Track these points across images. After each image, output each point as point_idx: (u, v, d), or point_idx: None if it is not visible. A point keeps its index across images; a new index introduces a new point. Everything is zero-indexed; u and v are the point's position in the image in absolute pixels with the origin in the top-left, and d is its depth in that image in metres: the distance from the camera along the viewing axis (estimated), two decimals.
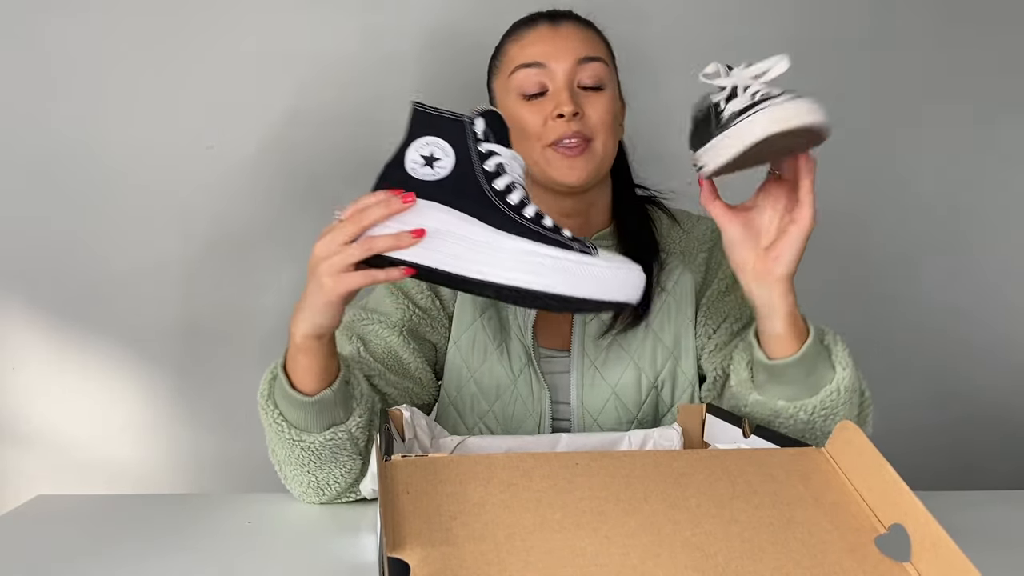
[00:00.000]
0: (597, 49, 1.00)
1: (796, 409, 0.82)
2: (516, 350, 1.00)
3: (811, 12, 1.43)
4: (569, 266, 0.73)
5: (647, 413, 0.99)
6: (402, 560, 0.51)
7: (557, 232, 0.75)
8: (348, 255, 0.75)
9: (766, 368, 0.83)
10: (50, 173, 1.34)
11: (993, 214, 1.49)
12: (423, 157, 0.77)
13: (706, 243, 1.06)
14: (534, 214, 0.76)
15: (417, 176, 0.77)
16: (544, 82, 0.97)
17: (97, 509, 0.91)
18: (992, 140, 1.47)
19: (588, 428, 0.99)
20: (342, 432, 0.85)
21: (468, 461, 0.62)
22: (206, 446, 1.41)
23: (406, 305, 1.01)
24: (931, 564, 0.53)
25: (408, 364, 0.98)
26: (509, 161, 0.79)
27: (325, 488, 0.88)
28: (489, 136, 0.78)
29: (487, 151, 0.78)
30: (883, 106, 1.44)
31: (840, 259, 1.46)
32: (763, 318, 0.82)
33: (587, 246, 0.75)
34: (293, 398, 0.83)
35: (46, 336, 1.37)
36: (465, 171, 0.77)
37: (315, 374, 0.82)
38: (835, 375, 0.82)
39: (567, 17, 1.02)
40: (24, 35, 1.32)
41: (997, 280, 1.50)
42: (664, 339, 1.00)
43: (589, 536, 0.55)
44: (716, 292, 1.02)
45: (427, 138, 0.78)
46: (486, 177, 0.77)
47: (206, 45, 1.34)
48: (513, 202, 0.76)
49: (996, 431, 1.52)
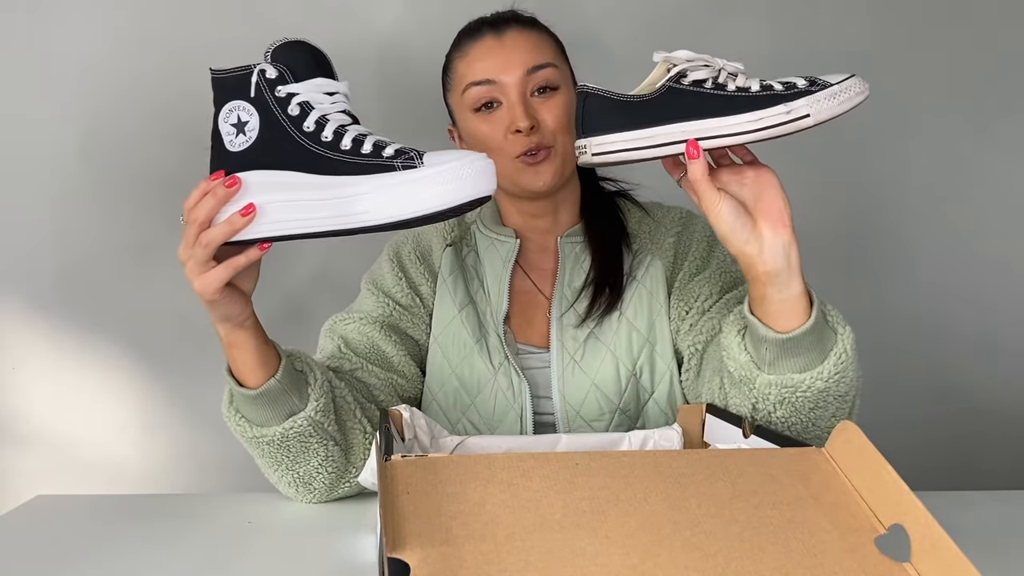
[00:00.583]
0: (545, 53, 1.00)
1: (813, 379, 0.79)
2: (495, 345, 1.02)
3: (807, 10, 1.43)
4: (403, 188, 0.69)
5: (629, 402, 1.00)
6: (402, 560, 0.51)
7: (378, 155, 0.71)
8: (197, 257, 0.75)
9: (779, 344, 0.79)
10: (50, 173, 1.34)
11: (992, 211, 1.49)
12: (233, 126, 0.74)
13: (674, 228, 1.06)
14: (351, 143, 0.72)
15: (234, 148, 0.74)
16: (497, 96, 0.98)
17: (97, 509, 0.91)
18: (992, 137, 1.47)
19: (571, 421, 1.00)
20: (301, 419, 0.85)
21: (468, 461, 0.62)
22: (206, 446, 1.41)
23: (386, 302, 1.04)
24: (931, 564, 0.53)
25: (391, 357, 1.01)
26: (313, 93, 0.74)
27: (311, 482, 0.89)
28: (286, 75, 0.73)
29: (286, 94, 0.73)
30: (883, 106, 1.44)
31: (839, 257, 1.47)
32: (780, 284, 0.78)
33: (411, 156, 0.71)
34: (243, 394, 0.84)
35: (46, 336, 1.37)
36: (271, 125, 0.73)
37: (252, 367, 0.83)
38: (838, 336, 0.80)
39: (510, 22, 1.01)
40: (24, 35, 1.32)
41: (997, 280, 1.50)
42: (638, 326, 1.01)
43: (589, 536, 0.55)
44: (687, 274, 1.02)
45: (230, 103, 0.74)
46: (292, 123, 0.73)
47: (210, 42, 1.34)
48: (327, 139, 0.72)
49: (996, 431, 1.52)
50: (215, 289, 0.76)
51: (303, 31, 0.79)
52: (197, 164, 1.35)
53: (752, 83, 0.76)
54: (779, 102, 0.75)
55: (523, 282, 1.06)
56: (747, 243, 0.78)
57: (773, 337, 0.78)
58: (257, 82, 0.73)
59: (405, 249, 1.08)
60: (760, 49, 1.40)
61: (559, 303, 1.03)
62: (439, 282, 1.06)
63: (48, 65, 1.33)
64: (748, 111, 0.75)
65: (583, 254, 1.05)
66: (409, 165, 0.70)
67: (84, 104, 1.34)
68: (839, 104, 0.75)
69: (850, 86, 0.75)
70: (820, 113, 0.75)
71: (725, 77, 0.77)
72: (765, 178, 0.78)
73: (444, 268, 1.06)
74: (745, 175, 0.79)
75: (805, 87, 0.75)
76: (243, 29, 1.35)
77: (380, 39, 1.39)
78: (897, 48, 1.44)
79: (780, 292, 0.78)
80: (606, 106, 0.78)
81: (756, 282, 0.79)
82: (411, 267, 1.07)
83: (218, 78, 0.75)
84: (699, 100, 0.76)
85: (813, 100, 0.75)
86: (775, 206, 0.77)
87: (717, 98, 0.76)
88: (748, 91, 0.76)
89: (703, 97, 0.76)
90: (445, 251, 1.07)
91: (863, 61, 1.43)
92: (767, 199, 0.77)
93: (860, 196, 1.46)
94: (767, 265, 0.77)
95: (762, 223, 0.77)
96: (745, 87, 0.76)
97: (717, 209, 0.78)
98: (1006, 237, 1.49)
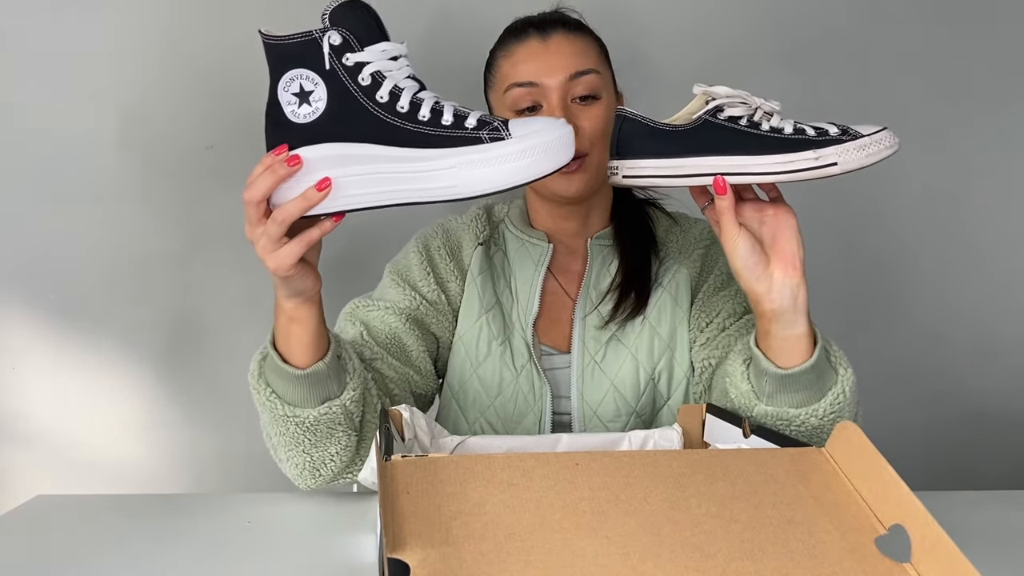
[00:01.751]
0: (589, 59, 0.99)
1: (807, 415, 0.82)
2: (518, 347, 1.02)
3: (811, 7, 1.43)
4: (493, 161, 0.69)
5: (645, 405, 1.01)
6: (402, 560, 0.51)
7: (460, 126, 0.70)
8: (270, 233, 0.74)
9: (778, 379, 0.82)
10: (49, 172, 1.34)
11: (992, 214, 1.49)
12: (295, 95, 0.71)
13: (703, 241, 1.07)
14: (430, 113, 0.70)
15: (299, 120, 0.71)
16: (538, 99, 0.98)
17: (97, 509, 0.91)
18: (994, 138, 1.47)
19: (588, 421, 1.00)
20: (336, 407, 0.85)
21: (468, 461, 0.62)
22: (206, 446, 1.41)
23: (413, 296, 1.02)
24: (931, 564, 0.53)
25: (410, 350, 1.00)
26: (383, 62, 0.71)
27: (321, 468, 0.88)
28: (351, 43, 0.70)
29: (355, 63, 0.70)
30: (881, 105, 1.44)
31: (838, 259, 1.47)
32: (784, 323, 0.81)
33: (496, 127, 0.70)
34: (286, 372, 0.83)
35: (46, 336, 1.37)
36: (341, 95, 0.70)
37: (306, 346, 0.82)
38: (838, 376, 0.83)
39: (556, 25, 1.01)
40: (22, 36, 1.32)
41: (996, 280, 1.50)
42: (661, 332, 1.01)
43: (589, 536, 0.55)
44: (711, 288, 1.03)
45: (290, 72, 0.71)
46: (365, 93, 0.70)
47: (208, 43, 1.34)
48: (404, 109, 0.70)
49: (996, 431, 1.52)
50: (290, 265, 0.74)
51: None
52: (190, 165, 1.36)
53: (786, 125, 0.78)
54: (809, 147, 0.77)
55: (550, 283, 1.06)
56: (758, 281, 0.81)
57: (774, 371, 0.82)
58: (322, 50, 0.70)
59: (435, 243, 1.07)
60: (751, 44, 1.40)
61: (584, 304, 1.03)
62: (468, 280, 1.05)
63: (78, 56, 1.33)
64: (778, 152, 0.77)
65: (611, 256, 1.05)
66: (496, 137, 0.69)
67: (85, 104, 1.34)
68: (867, 156, 0.76)
69: (881, 139, 0.77)
70: (848, 163, 0.76)
71: (760, 116, 0.79)
72: (784, 219, 0.81)
73: (474, 267, 1.05)
74: (766, 213, 0.82)
75: (837, 135, 0.77)
76: None
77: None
78: (896, 42, 1.44)
79: (784, 330, 0.81)
80: (642, 132, 0.81)
81: (762, 318, 0.82)
82: (440, 262, 1.05)
83: (275, 44, 0.71)
84: (732, 136, 0.78)
85: (843, 150, 0.76)
86: (789, 249, 0.80)
87: (750, 136, 0.78)
88: (781, 132, 0.78)
89: (736, 133, 0.79)
90: (476, 250, 1.06)
91: (867, 57, 1.43)
92: (783, 241, 0.81)
93: (858, 199, 1.46)
94: (773, 304, 0.81)
95: (775, 264, 0.81)
96: (778, 128, 0.78)
97: (735, 244, 0.81)
98: (1007, 240, 1.49)
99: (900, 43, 1.44)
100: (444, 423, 1.04)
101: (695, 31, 1.41)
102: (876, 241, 1.48)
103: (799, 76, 1.41)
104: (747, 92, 0.79)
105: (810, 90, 1.41)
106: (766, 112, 0.79)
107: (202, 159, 1.35)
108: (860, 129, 0.77)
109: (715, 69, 1.39)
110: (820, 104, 1.40)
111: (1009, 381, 1.51)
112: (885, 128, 0.78)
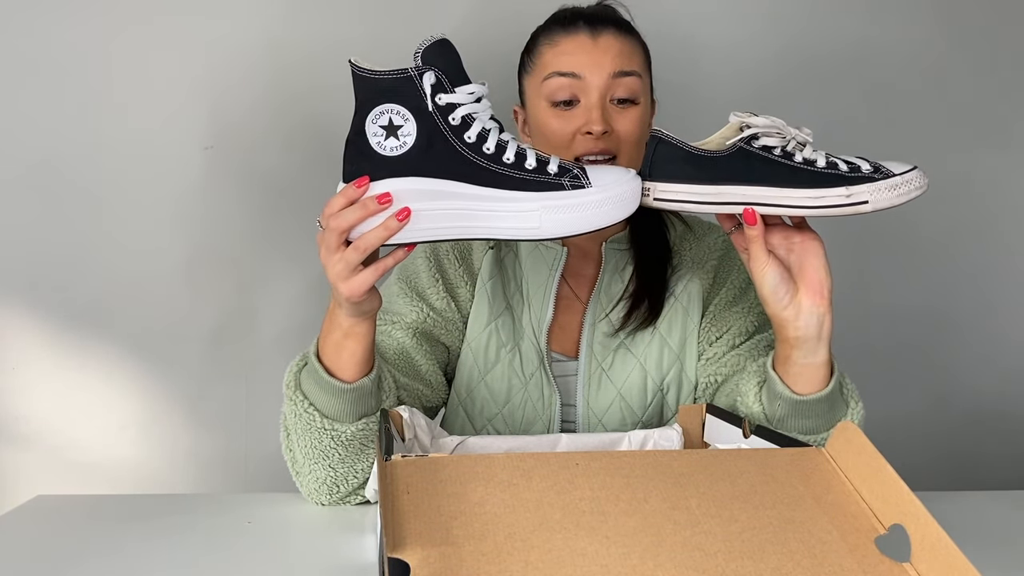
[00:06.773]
0: (633, 61, 0.98)
1: (815, 443, 0.81)
2: (528, 353, 1.00)
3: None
4: (574, 208, 0.73)
5: (652, 416, 0.99)
6: (402, 560, 0.51)
7: (543, 171, 0.74)
8: (348, 261, 0.75)
9: (792, 404, 0.83)
10: (49, 174, 1.34)
11: (991, 216, 1.48)
12: (382, 128, 0.74)
13: (717, 251, 1.05)
14: (515, 156, 0.74)
15: (385, 152, 0.74)
16: (577, 93, 0.97)
17: (97, 509, 0.91)
18: (997, 136, 1.47)
19: (593, 429, 0.99)
20: (373, 423, 0.85)
21: (468, 461, 0.62)
22: (206, 446, 1.41)
23: (420, 307, 1.00)
24: (931, 564, 0.53)
25: (419, 366, 0.98)
26: (471, 104, 0.74)
27: (342, 484, 0.87)
28: (444, 84, 0.73)
29: (446, 104, 0.73)
30: (880, 106, 1.44)
31: (838, 260, 1.46)
32: (807, 351, 0.82)
33: (576, 175, 0.74)
34: (331, 385, 0.82)
35: (46, 336, 1.37)
36: (431, 132, 0.73)
37: (357, 360, 0.82)
38: (849, 409, 0.85)
39: (607, 24, 0.99)
40: (21, 36, 1.32)
41: (996, 280, 1.50)
42: (671, 342, 1.00)
43: (589, 536, 0.55)
44: (724, 300, 1.02)
45: (381, 106, 0.73)
46: (454, 133, 0.73)
47: (206, 45, 1.34)
48: (490, 151, 0.74)
49: (996, 431, 1.52)
50: (364, 291, 0.76)
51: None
52: (189, 167, 1.36)
53: (819, 157, 0.78)
54: (841, 183, 0.77)
55: (561, 287, 1.03)
56: (785, 308, 0.81)
57: (788, 396, 0.83)
58: (418, 89, 0.73)
59: (443, 247, 1.04)
60: (777, 48, 1.40)
61: (595, 309, 1.01)
62: (478, 285, 1.02)
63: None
64: (810, 187, 0.77)
65: (624, 261, 1.03)
66: (577, 185, 0.74)
67: (85, 106, 1.34)
68: (898, 196, 0.77)
69: (911, 179, 0.77)
70: (879, 202, 0.77)
71: (794, 146, 0.79)
72: (811, 247, 0.82)
73: (484, 271, 1.02)
74: (793, 240, 0.83)
75: (868, 172, 0.77)
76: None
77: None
78: (900, 45, 1.44)
79: (805, 357, 0.82)
80: (676, 155, 0.81)
81: (784, 343, 0.83)
82: (449, 268, 1.03)
83: (368, 78, 0.73)
84: (765, 166, 0.79)
85: (874, 188, 0.77)
86: (817, 277, 0.81)
87: (783, 167, 0.78)
88: (814, 164, 0.78)
89: (769, 164, 0.79)
90: (487, 254, 1.04)
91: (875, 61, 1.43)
92: (811, 269, 0.81)
93: None
94: (799, 332, 0.81)
95: (803, 292, 0.81)
96: (811, 160, 0.78)
97: (764, 272, 0.81)
98: (1011, 236, 1.49)
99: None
100: (450, 430, 1.02)
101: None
102: (876, 240, 1.48)
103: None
104: (783, 122, 0.79)
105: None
106: (799, 142, 0.79)
107: (202, 162, 1.35)
108: (891, 167, 0.77)
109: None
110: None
111: (1009, 381, 1.51)
112: (916, 167, 0.78)
